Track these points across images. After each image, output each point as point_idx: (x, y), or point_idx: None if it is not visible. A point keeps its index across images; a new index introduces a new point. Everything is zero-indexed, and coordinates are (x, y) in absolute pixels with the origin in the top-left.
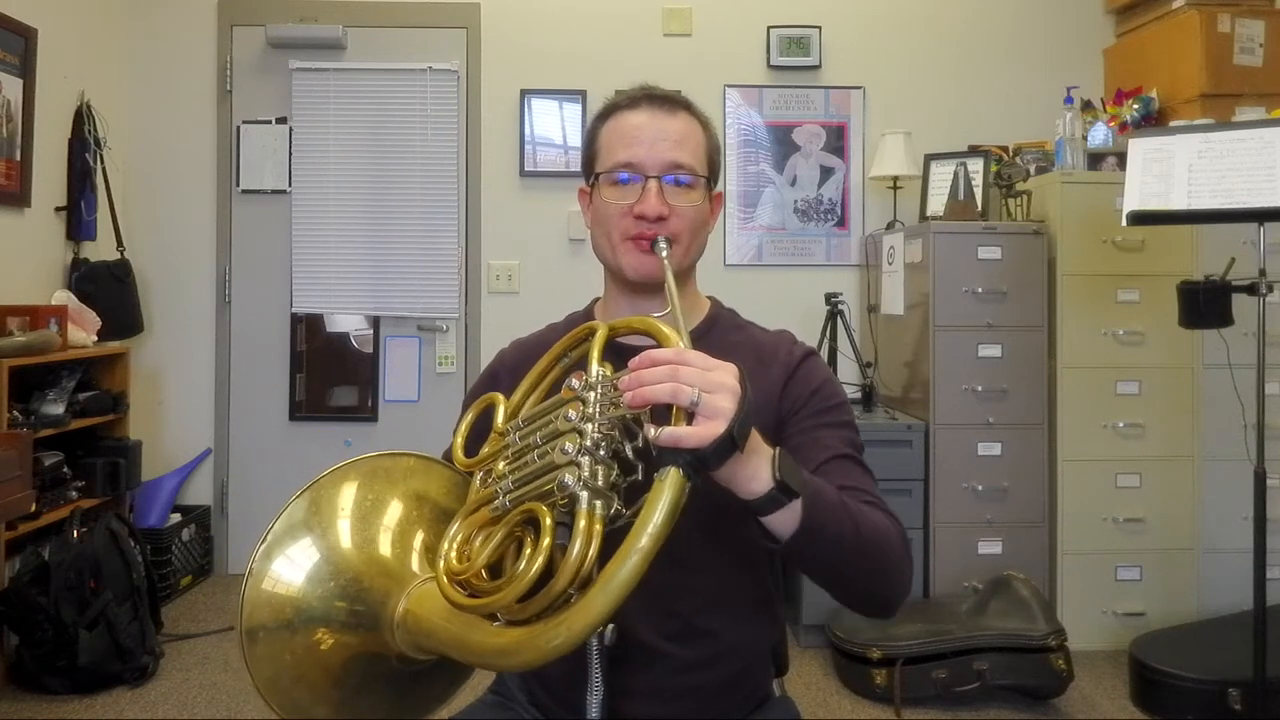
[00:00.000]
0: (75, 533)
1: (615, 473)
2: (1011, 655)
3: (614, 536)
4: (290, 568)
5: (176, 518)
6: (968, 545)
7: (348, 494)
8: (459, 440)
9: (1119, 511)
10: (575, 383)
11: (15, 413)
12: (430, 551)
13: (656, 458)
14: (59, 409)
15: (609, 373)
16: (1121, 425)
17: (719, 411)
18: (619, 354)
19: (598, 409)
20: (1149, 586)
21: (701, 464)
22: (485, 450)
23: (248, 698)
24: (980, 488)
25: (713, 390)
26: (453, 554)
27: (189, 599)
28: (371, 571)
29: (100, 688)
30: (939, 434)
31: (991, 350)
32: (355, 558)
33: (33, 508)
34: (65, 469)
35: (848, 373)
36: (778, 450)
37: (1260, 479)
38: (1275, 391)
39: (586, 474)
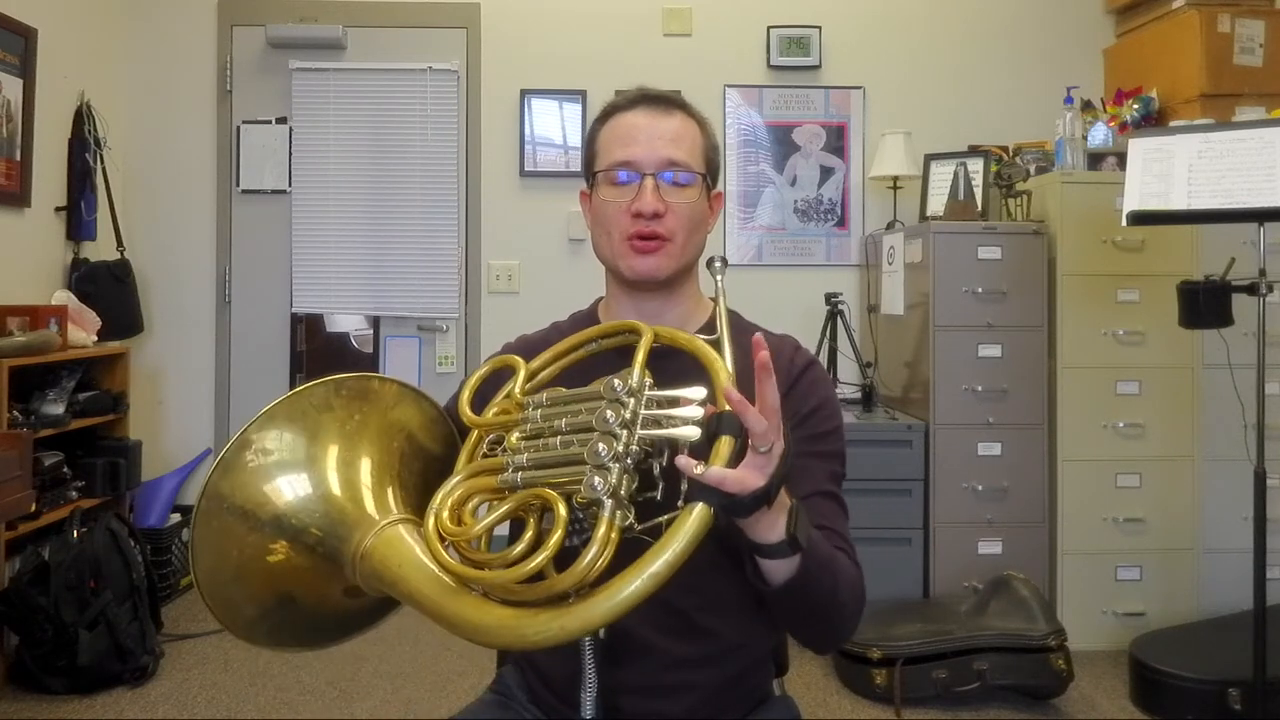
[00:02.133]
0: (75, 533)
1: (635, 485)
2: (1011, 655)
3: (621, 546)
4: (271, 466)
5: (176, 518)
6: (968, 545)
7: (335, 409)
8: (466, 394)
9: (1119, 511)
10: (617, 384)
11: (15, 413)
12: (403, 488)
13: (688, 490)
14: (59, 409)
15: (651, 384)
16: (1121, 425)
17: (762, 465)
18: (650, 363)
19: (639, 420)
20: (1149, 586)
21: (733, 510)
22: (496, 414)
23: (248, 698)
24: (980, 488)
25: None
26: (445, 514)
27: (189, 599)
28: (345, 496)
29: (100, 688)
30: (939, 434)
31: (991, 350)
32: (332, 477)
33: (33, 508)
34: (65, 469)
35: (848, 373)
36: (794, 504)
37: (1260, 479)
38: (1275, 391)
39: (614, 481)
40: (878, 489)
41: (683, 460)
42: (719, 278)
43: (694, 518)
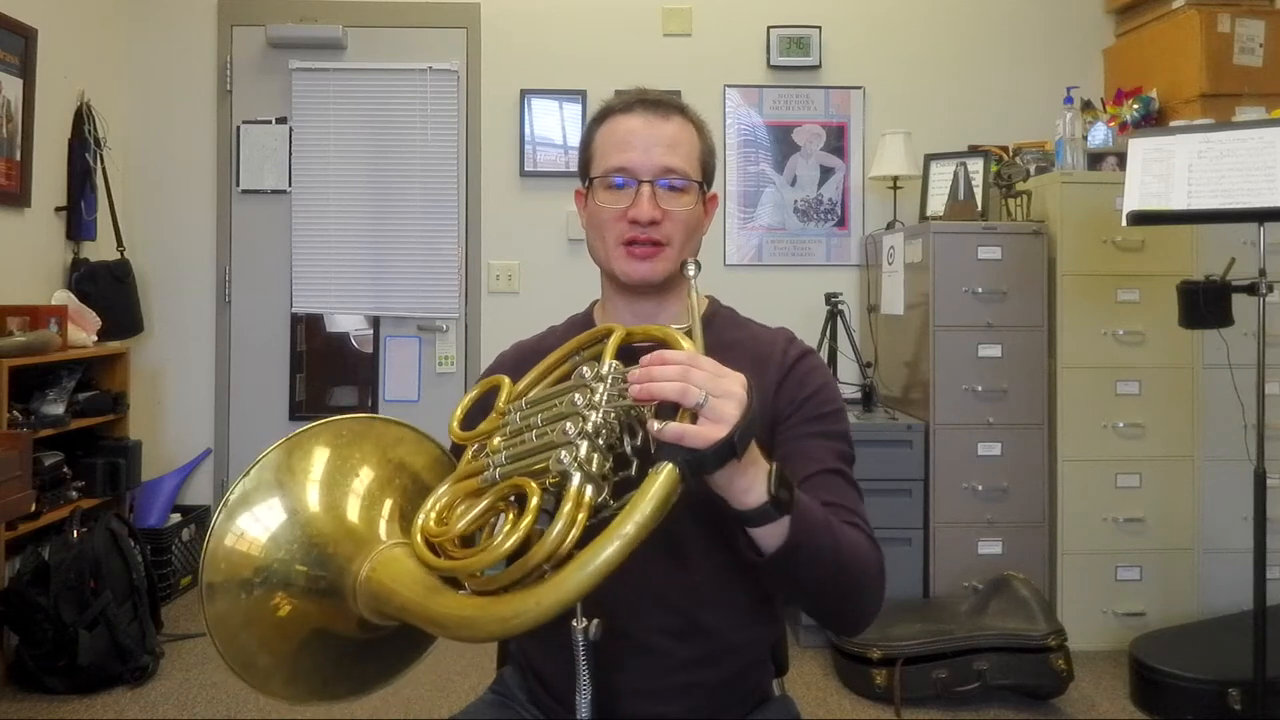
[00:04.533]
0: (75, 533)
1: (609, 464)
2: (1011, 655)
3: (598, 528)
4: (255, 525)
5: (176, 518)
6: (968, 545)
7: (325, 452)
8: (458, 414)
9: (1119, 511)
10: (586, 372)
11: (15, 413)
12: (404, 519)
13: (655, 452)
14: (59, 409)
15: (620, 368)
16: (1121, 425)
17: (723, 416)
18: (633, 358)
19: (604, 398)
20: (1149, 586)
21: (699, 465)
22: (483, 426)
23: (248, 698)
24: (980, 488)
25: (720, 395)
26: (432, 516)
27: (189, 599)
28: (338, 535)
29: (100, 688)
30: (939, 434)
31: (991, 350)
32: (322, 520)
33: (33, 508)
34: (65, 469)
35: (848, 373)
36: (774, 465)
37: (1260, 479)
38: (1275, 391)
39: (582, 455)
40: (878, 489)
41: (649, 424)
42: (694, 280)
43: (661, 477)
